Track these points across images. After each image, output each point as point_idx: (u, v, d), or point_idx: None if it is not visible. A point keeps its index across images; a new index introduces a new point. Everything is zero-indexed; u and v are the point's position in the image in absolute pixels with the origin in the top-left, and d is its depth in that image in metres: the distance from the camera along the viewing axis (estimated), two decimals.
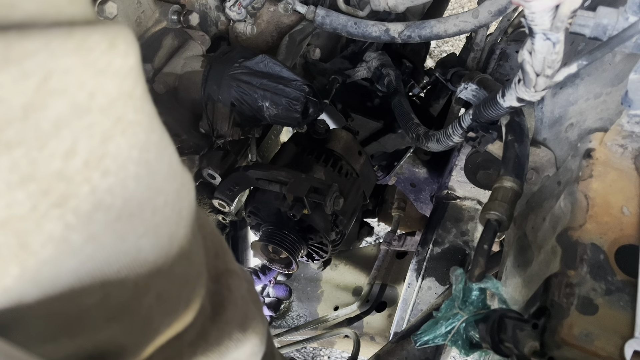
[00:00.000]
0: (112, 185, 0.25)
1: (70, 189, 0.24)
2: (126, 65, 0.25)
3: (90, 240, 0.25)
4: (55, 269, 0.24)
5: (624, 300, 0.56)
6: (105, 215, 0.25)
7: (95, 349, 0.30)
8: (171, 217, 0.30)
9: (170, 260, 0.31)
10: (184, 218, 0.32)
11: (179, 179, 0.31)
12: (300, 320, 1.67)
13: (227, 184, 1.01)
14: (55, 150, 0.23)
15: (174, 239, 0.31)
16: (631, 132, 0.65)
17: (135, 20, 0.87)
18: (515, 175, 0.69)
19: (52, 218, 0.23)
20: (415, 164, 1.41)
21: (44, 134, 0.22)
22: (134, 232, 0.27)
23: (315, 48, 1.17)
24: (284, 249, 1.03)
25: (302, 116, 0.93)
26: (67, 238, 0.24)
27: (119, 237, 0.27)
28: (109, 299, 0.28)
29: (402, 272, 1.57)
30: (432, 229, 1.11)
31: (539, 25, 0.52)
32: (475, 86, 0.89)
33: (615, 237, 0.60)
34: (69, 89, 0.23)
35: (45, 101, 0.22)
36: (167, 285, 0.32)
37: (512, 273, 0.76)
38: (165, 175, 0.29)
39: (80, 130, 0.24)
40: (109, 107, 0.25)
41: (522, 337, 0.56)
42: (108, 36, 0.24)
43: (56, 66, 0.22)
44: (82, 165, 0.24)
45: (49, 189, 0.23)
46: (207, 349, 0.37)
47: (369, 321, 1.53)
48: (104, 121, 0.25)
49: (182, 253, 0.33)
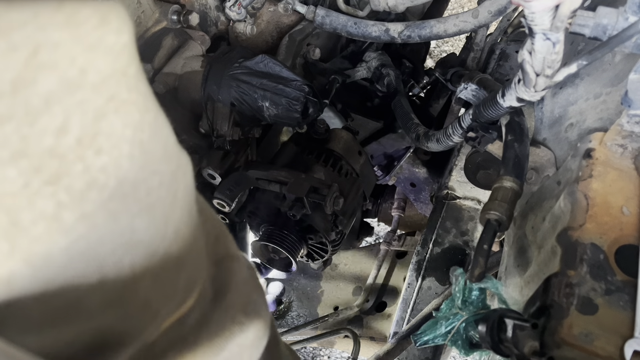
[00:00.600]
0: (106, 164, 0.25)
1: (63, 166, 0.24)
2: (119, 42, 0.25)
3: (82, 219, 0.25)
4: (46, 247, 0.24)
5: (624, 300, 0.56)
6: (99, 194, 0.25)
7: (94, 337, 0.30)
8: (166, 198, 0.30)
9: (167, 241, 0.31)
10: (180, 200, 0.32)
11: (175, 160, 0.31)
12: (300, 320, 1.67)
13: (227, 184, 1.01)
14: (47, 127, 0.23)
15: (170, 221, 0.31)
16: (631, 132, 0.65)
17: (135, 20, 0.87)
18: (515, 175, 0.69)
19: (44, 195, 0.23)
20: (415, 164, 1.41)
21: (35, 109, 0.22)
22: (127, 212, 0.27)
23: (315, 48, 1.17)
24: (283, 249, 1.03)
25: (302, 116, 0.93)
26: (59, 216, 0.24)
27: (112, 216, 0.26)
28: (105, 281, 0.28)
29: (402, 272, 1.57)
30: (432, 229, 1.11)
31: (539, 25, 0.52)
32: (475, 86, 0.89)
33: (615, 237, 0.60)
34: (59, 64, 0.22)
35: (35, 76, 0.22)
36: (163, 267, 0.31)
37: (512, 273, 0.76)
38: (160, 155, 0.29)
39: (71, 107, 0.23)
40: (101, 84, 0.24)
41: (522, 337, 0.56)
42: (100, 12, 0.24)
43: (45, 39, 0.22)
44: (74, 143, 0.24)
45: (41, 166, 0.23)
46: (210, 333, 0.37)
47: (369, 321, 1.53)
48: (96, 99, 0.24)
49: (179, 235, 0.32)
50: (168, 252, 0.31)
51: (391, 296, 1.56)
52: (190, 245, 0.34)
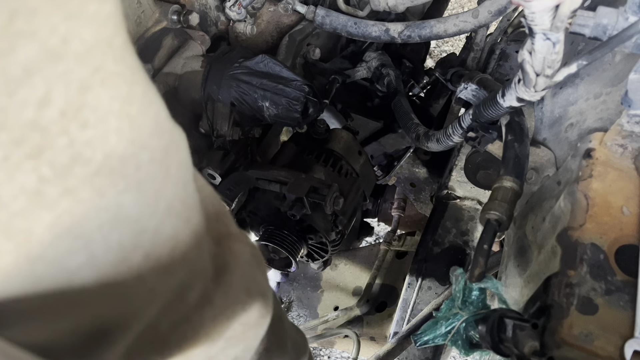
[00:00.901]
0: (92, 138, 0.24)
1: (46, 140, 0.23)
2: (102, 11, 0.24)
3: (66, 194, 0.24)
4: (28, 222, 0.24)
5: (624, 300, 0.56)
6: (84, 169, 0.24)
7: (94, 321, 0.29)
8: (158, 174, 0.29)
9: (158, 217, 0.30)
10: (174, 176, 0.31)
11: (168, 135, 0.30)
12: (300, 320, 1.67)
13: (227, 184, 1.01)
14: (28, 98, 0.22)
15: (162, 197, 0.30)
16: (631, 132, 0.65)
17: (135, 20, 0.87)
18: (515, 175, 0.69)
19: (25, 170, 0.23)
20: (415, 164, 1.41)
21: (14, 79, 0.21)
22: (114, 188, 0.26)
23: (315, 48, 1.17)
24: (283, 249, 1.03)
25: (302, 116, 0.93)
26: (40, 191, 0.23)
27: (98, 192, 0.25)
28: (94, 259, 0.27)
29: (402, 272, 1.57)
30: (432, 229, 1.11)
31: (539, 25, 0.52)
32: (475, 86, 0.89)
33: (615, 237, 0.60)
34: (38, 32, 0.22)
35: (13, 44, 0.21)
36: (155, 244, 0.30)
37: (512, 273, 0.76)
38: (151, 130, 0.28)
39: (54, 78, 0.22)
40: (85, 54, 0.24)
41: (522, 337, 0.56)
42: None
43: (21, 5, 0.21)
44: (58, 115, 0.23)
45: (22, 139, 0.22)
46: (214, 312, 0.37)
47: (369, 321, 1.53)
48: (80, 70, 0.23)
49: (173, 211, 0.31)
50: (159, 229, 0.30)
51: (391, 296, 1.56)
52: (186, 222, 0.33)
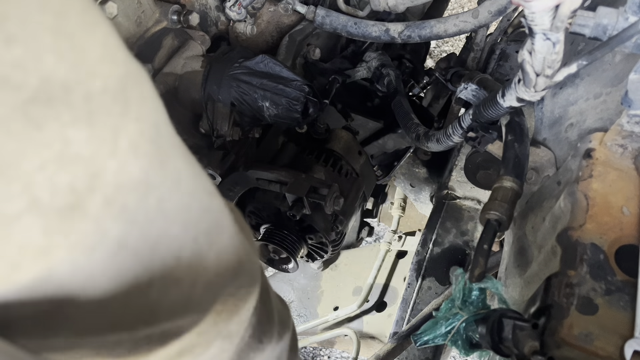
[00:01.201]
0: (21, 58, 0.21)
1: None
2: None
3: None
4: None
5: (624, 300, 0.56)
6: (13, 95, 0.21)
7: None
8: (113, 108, 0.25)
9: (119, 157, 0.26)
10: (135, 112, 0.27)
11: (123, 64, 0.27)
12: (300, 320, 1.67)
13: (227, 184, 1.01)
14: None
15: (121, 133, 0.26)
16: (631, 132, 0.65)
17: (135, 20, 0.87)
18: (515, 175, 0.69)
19: None
20: (415, 164, 1.41)
21: None
22: (56, 120, 0.23)
23: (315, 48, 1.17)
24: (283, 249, 1.03)
25: (302, 116, 0.93)
26: None
27: (34, 123, 0.22)
28: (37, 204, 0.23)
29: (402, 272, 1.57)
30: (432, 229, 1.11)
31: (539, 25, 0.52)
32: (475, 86, 0.89)
33: (615, 237, 0.60)
34: None
35: None
36: (118, 185, 0.26)
37: (512, 273, 0.76)
38: (99, 55, 0.25)
39: None
40: None
41: (522, 337, 0.56)
42: None
43: None
44: None
45: None
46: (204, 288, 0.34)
47: (369, 321, 1.53)
48: None
49: (139, 152, 0.27)
50: (122, 170, 0.26)
51: (391, 296, 1.56)
52: (160, 164, 0.29)
